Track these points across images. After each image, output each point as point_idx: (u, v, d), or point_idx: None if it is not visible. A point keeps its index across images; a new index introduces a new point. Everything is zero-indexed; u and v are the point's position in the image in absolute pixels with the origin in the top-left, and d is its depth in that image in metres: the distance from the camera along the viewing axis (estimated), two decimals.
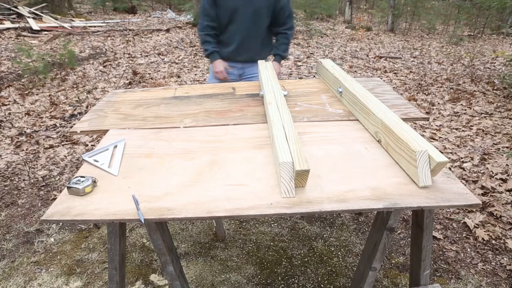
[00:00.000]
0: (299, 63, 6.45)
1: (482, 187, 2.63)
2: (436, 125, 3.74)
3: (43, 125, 3.77)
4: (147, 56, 6.87)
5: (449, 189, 1.09)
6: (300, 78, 5.47)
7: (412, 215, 1.42)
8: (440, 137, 3.46)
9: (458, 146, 3.29)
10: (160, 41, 8.39)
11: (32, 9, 10.08)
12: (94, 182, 1.15)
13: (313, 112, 1.68)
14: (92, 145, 3.33)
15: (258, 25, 2.23)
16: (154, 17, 12.75)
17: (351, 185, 1.12)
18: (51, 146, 3.33)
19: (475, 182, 2.70)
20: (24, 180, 2.82)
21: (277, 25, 2.31)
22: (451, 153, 3.16)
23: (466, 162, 2.99)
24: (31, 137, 3.51)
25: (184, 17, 12.41)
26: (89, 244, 2.15)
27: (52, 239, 2.19)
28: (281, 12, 2.23)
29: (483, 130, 3.59)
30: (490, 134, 3.50)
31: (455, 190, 1.09)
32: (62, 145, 3.36)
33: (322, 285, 1.86)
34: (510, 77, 5.00)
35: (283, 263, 2.01)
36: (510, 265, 1.97)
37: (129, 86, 5.06)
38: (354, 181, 1.14)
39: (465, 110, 4.17)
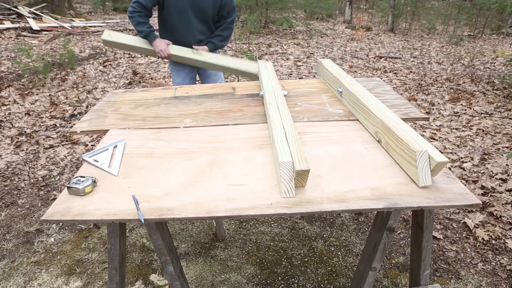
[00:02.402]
0: (299, 63, 6.45)
1: (482, 187, 2.63)
2: (436, 125, 3.74)
3: (43, 125, 3.77)
4: (147, 56, 6.87)
5: (449, 189, 1.09)
6: (300, 78, 5.47)
7: (412, 215, 1.42)
8: (440, 137, 3.46)
9: (458, 146, 3.29)
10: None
11: (32, 9, 10.07)
12: (94, 182, 1.15)
13: (313, 112, 1.68)
14: (92, 145, 3.33)
15: (204, 23, 2.42)
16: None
17: (351, 185, 1.12)
18: (51, 146, 3.33)
19: (475, 182, 2.70)
20: (24, 180, 2.82)
21: (219, 20, 2.48)
22: (451, 153, 3.16)
23: (466, 162, 2.99)
24: (31, 137, 3.51)
25: None
26: (89, 244, 2.15)
27: (52, 239, 2.19)
28: (224, 8, 2.40)
29: (483, 130, 3.59)
30: (490, 134, 3.50)
31: (455, 190, 1.09)
32: (62, 145, 3.36)
33: (322, 285, 1.86)
34: (510, 77, 5.00)
35: (283, 263, 2.01)
36: (510, 265, 1.97)
37: (129, 86, 5.06)
38: (354, 181, 1.14)
39: (465, 110, 4.17)
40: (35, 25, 8.92)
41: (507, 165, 2.90)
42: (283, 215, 1.04)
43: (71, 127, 3.60)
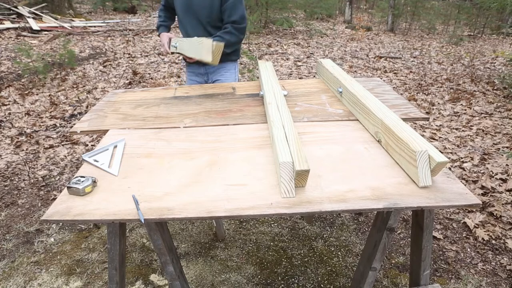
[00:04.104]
0: (299, 63, 6.45)
1: (482, 187, 2.63)
2: (436, 125, 3.74)
3: (43, 125, 3.77)
4: (147, 56, 6.87)
5: (449, 189, 1.09)
6: (300, 78, 5.47)
7: (412, 215, 1.42)
8: (440, 137, 3.46)
9: (458, 146, 3.29)
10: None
11: (32, 9, 10.07)
12: (94, 182, 1.15)
13: (313, 112, 1.68)
14: (92, 145, 3.33)
15: (205, 26, 2.13)
16: (154, 17, 12.75)
17: (351, 185, 1.12)
18: (51, 146, 3.33)
19: (475, 182, 2.70)
20: (24, 180, 2.82)
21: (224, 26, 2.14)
22: (451, 153, 3.16)
23: (466, 162, 2.99)
24: (31, 137, 3.51)
25: None
26: (89, 244, 2.15)
27: (52, 239, 2.19)
28: (225, 12, 2.08)
29: (483, 130, 3.59)
30: (490, 134, 3.50)
31: (455, 190, 1.09)
32: (62, 145, 3.36)
33: (322, 285, 1.86)
34: (510, 77, 5.00)
35: (283, 263, 2.01)
36: (510, 265, 1.97)
37: (129, 86, 5.06)
38: (354, 181, 1.14)
39: (465, 110, 4.17)
40: (35, 25, 8.92)
41: (507, 165, 2.90)
42: (283, 215, 1.04)
43: (71, 127, 3.60)
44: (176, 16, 2.30)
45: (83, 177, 1.15)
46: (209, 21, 2.13)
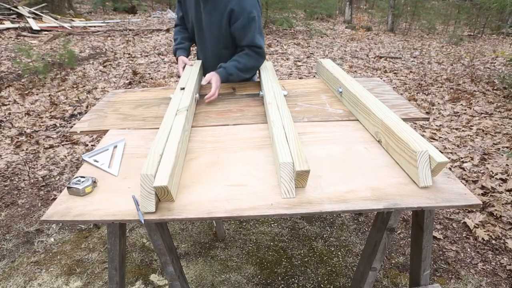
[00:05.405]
0: (299, 63, 6.45)
1: (482, 187, 2.63)
2: (436, 125, 3.74)
3: (43, 125, 3.77)
4: (147, 56, 6.87)
5: (449, 189, 1.09)
6: (300, 78, 5.47)
7: (412, 215, 1.42)
8: (440, 137, 3.46)
9: (458, 146, 3.29)
10: (160, 41, 8.39)
11: (32, 9, 10.07)
12: (94, 182, 1.15)
13: (313, 112, 1.68)
14: (92, 145, 3.33)
15: (216, 46, 1.93)
16: (154, 17, 12.75)
17: (351, 185, 1.12)
18: (51, 146, 3.33)
19: (475, 182, 2.70)
20: (24, 180, 2.82)
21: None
22: (451, 153, 3.16)
23: (466, 162, 2.99)
24: (31, 137, 3.51)
25: None
26: (89, 244, 2.15)
27: (52, 239, 2.19)
28: (235, 36, 1.85)
29: (483, 130, 3.59)
30: (490, 134, 3.50)
31: (455, 190, 1.08)
32: (62, 145, 3.35)
33: (322, 285, 1.86)
34: (510, 77, 5.00)
35: (283, 263, 2.01)
36: (510, 265, 1.97)
37: (129, 86, 5.06)
38: (354, 181, 1.14)
39: (465, 110, 4.17)
40: (35, 25, 8.92)
41: (507, 165, 2.90)
42: (283, 216, 1.04)
43: (71, 127, 3.60)
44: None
45: (83, 177, 1.15)
46: (220, 44, 1.91)
